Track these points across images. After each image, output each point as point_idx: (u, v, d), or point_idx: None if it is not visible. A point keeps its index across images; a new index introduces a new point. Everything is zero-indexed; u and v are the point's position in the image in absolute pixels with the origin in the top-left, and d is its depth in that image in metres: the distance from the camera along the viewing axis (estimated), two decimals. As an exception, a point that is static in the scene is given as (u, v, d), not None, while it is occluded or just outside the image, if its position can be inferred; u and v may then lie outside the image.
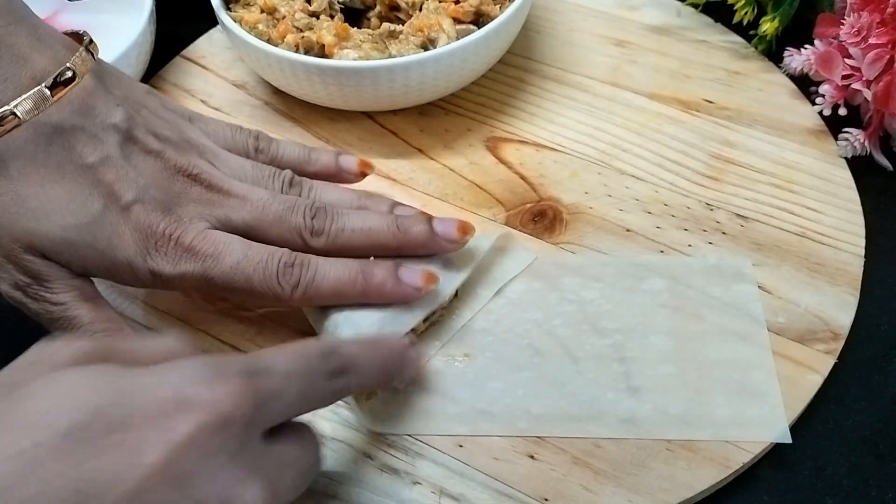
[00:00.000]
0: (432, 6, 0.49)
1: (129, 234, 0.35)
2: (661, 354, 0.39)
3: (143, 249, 0.35)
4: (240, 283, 0.36)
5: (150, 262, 0.35)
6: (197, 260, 0.35)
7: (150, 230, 0.35)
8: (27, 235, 0.34)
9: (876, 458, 0.37)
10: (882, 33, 0.46)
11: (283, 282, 0.36)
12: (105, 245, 0.35)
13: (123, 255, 0.35)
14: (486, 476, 0.36)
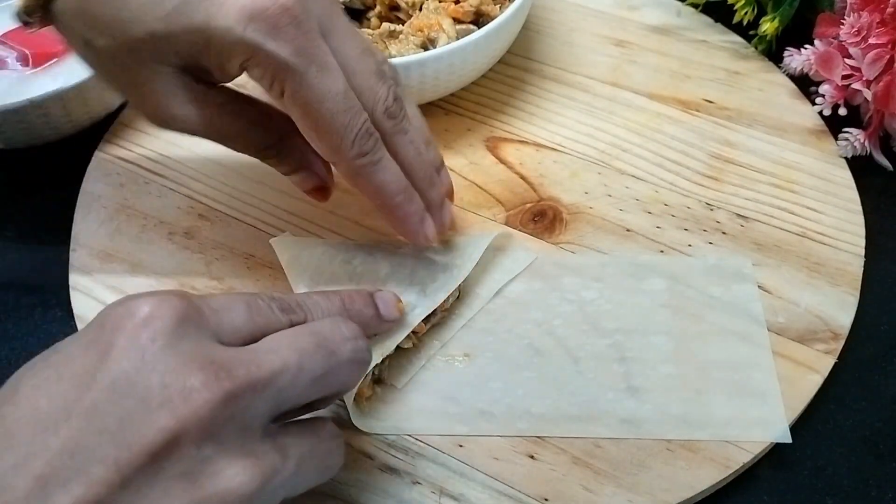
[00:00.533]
0: (432, 6, 0.49)
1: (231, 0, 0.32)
2: (662, 354, 0.39)
3: (245, 18, 0.31)
4: (323, 108, 0.33)
5: (248, 34, 0.31)
6: (302, 62, 0.32)
7: (260, 1, 0.31)
8: (139, 42, 0.33)
9: (876, 458, 0.37)
10: (882, 33, 0.46)
11: (361, 142, 0.34)
12: (202, 18, 0.32)
13: (222, 24, 0.31)
14: (486, 476, 0.36)
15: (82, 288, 0.44)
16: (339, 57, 0.34)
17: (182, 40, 0.32)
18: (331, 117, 0.33)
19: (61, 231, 0.47)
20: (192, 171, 0.49)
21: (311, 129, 0.34)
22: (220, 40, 0.32)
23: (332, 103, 0.33)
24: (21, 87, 0.50)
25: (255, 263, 0.44)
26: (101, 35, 0.33)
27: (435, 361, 0.39)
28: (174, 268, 0.44)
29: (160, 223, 0.46)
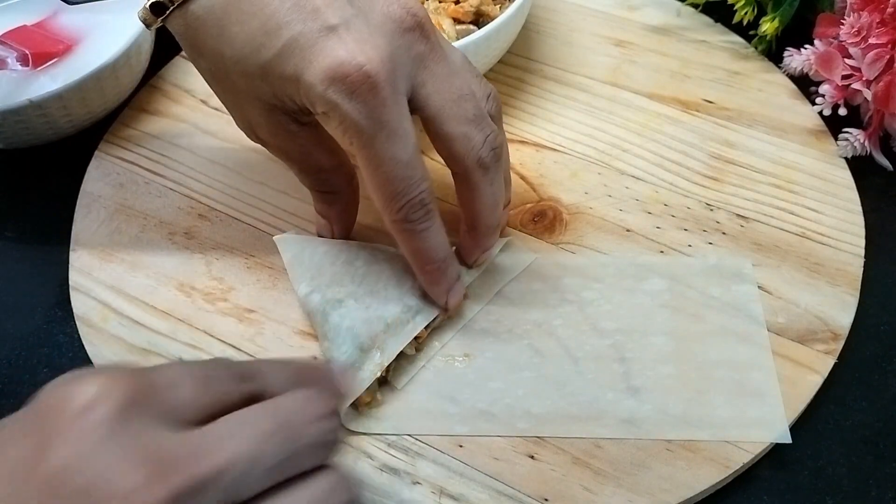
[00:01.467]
0: (432, 6, 0.49)
1: (321, 58, 0.33)
2: (661, 355, 0.39)
3: (327, 79, 0.33)
4: (380, 171, 0.34)
5: (329, 94, 0.33)
6: (372, 127, 0.33)
7: (344, 66, 0.32)
8: (236, 81, 0.35)
9: (876, 458, 0.37)
10: (882, 33, 0.46)
11: (409, 210, 0.35)
12: (293, 72, 0.33)
13: (308, 80, 0.33)
14: (486, 476, 0.36)
15: (82, 288, 0.44)
16: (433, 104, 0.35)
17: (275, 86, 0.34)
18: (387, 181, 0.34)
19: (61, 231, 0.47)
20: (192, 171, 0.49)
21: (369, 183, 0.35)
22: (306, 93, 0.33)
23: (390, 168, 0.34)
24: (21, 87, 0.50)
25: (255, 263, 0.44)
26: (205, 60, 0.36)
27: (434, 361, 0.39)
28: (174, 268, 0.44)
29: (160, 223, 0.46)
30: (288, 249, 0.42)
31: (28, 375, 0.41)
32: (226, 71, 0.35)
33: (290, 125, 0.37)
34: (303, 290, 0.40)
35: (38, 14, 0.54)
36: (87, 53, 0.51)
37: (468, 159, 0.36)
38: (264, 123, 0.37)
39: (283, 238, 0.43)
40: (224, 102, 0.38)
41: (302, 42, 0.33)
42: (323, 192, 0.41)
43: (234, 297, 0.43)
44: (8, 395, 0.41)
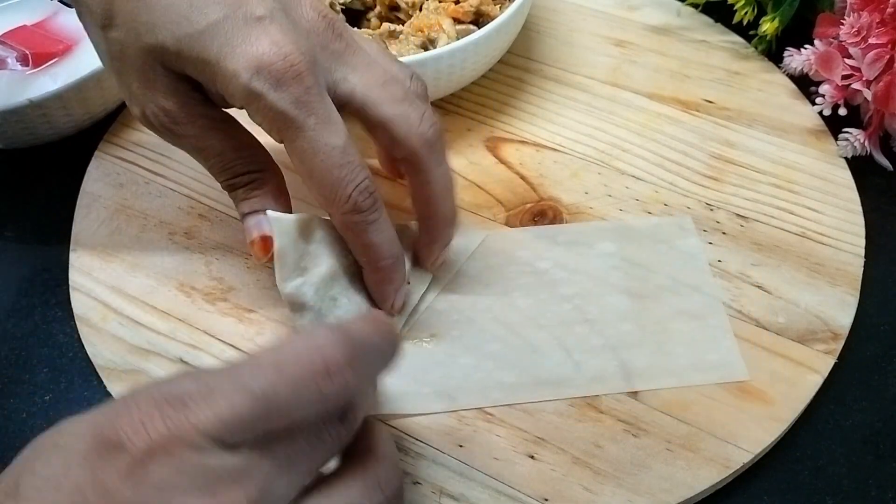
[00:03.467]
0: (432, 6, 0.49)
1: (245, 46, 0.32)
2: (620, 313, 0.40)
3: (252, 68, 0.32)
4: (317, 160, 0.33)
5: (254, 83, 0.32)
6: (301, 114, 0.32)
7: (268, 56, 0.32)
8: (149, 48, 0.33)
9: (876, 458, 0.37)
10: (882, 33, 0.46)
11: (358, 197, 0.34)
12: (215, 55, 0.32)
13: (231, 67, 0.32)
14: (486, 476, 0.36)
15: (82, 288, 0.44)
16: (359, 92, 0.35)
17: (191, 64, 0.33)
18: (326, 170, 0.33)
19: (61, 231, 0.47)
20: (192, 171, 0.49)
21: (306, 177, 0.34)
22: (226, 80, 0.32)
23: (328, 155, 0.33)
24: (21, 87, 0.50)
25: (255, 263, 0.44)
26: (116, 29, 0.33)
27: (402, 345, 0.39)
28: (174, 268, 0.44)
29: (160, 223, 0.46)
30: (284, 234, 0.37)
31: (28, 375, 0.41)
32: (138, 41, 0.33)
33: (201, 100, 0.35)
34: (295, 281, 0.37)
35: (38, 14, 0.54)
36: (87, 53, 0.51)
37: (412, 138, 0.36)
38: (173, 94, 0.34)
39: (278, 218, 0.36)
40: (129, 89, 0.35)
41: (227, 27, 0.32)
42: (252, 172, 0.37)
43: (234, 297, 0.43)
44: (8, 395, 0.41)
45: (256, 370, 0.25)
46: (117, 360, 0.40)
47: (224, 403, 0.24)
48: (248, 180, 0.36)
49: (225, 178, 0.36)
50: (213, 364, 0.40)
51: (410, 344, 0.40)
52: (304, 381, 0.25)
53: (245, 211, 0.37)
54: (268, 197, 0.36)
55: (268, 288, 0.43)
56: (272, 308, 0.42)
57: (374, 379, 0.30)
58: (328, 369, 0.25)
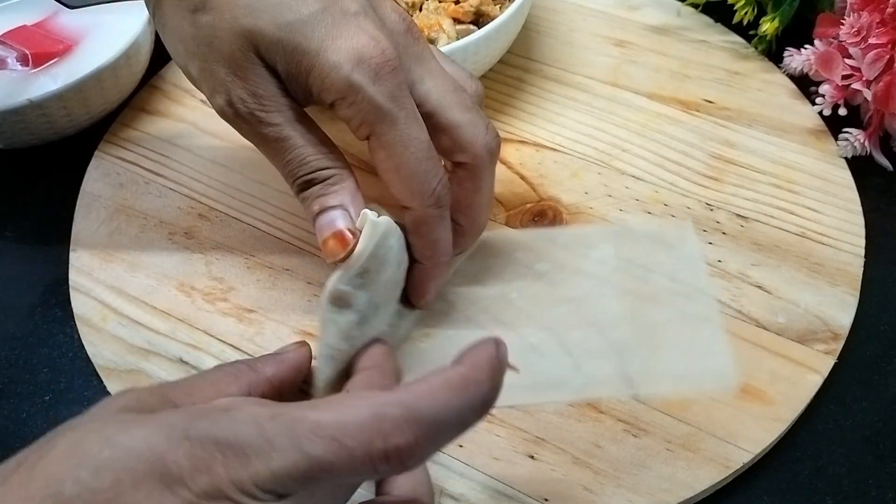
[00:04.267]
0: (432, 6, 0.49)
1: (346, 39, 0.32)
2: (617, 317, 0.40)
3: (353, 59, 0.32)
4: (407, 153, 0.33)
5: (354, 75, 0.32)
6: (395, 108, 0.33)
7: (369, 49, 0.32)
8: (245, 32, 0.33)
9: (876, 458, 0.37)
10: (882, 33, 0.46)
11: (441, 192, 0.34)
12: (316, 46, 0.32)
13: (332, 59, 0.32)
14: (486, 476, 0.36)
15: (82, 288, 0.44)
16: (434, 96, 0.35)
17: (287, 53, 0.33)
18: (416, 163, 0.34)
19: (61, 231, 0.47)
20: (192, 171, 0.49)
21: (393, 171, 0.34)
22: (325, 72, 0.32)
23: (417, 149, 0.34)
24: (21, 87, 0.50)
25: (255, 263, 0.44)
26: (209, 11, 0.33)
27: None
28: (174, 268, 0.44)
29: (160, 223, 0.46)
30: (372, 237, 0.34)
31: (28, 375, 0.41)
32: (233, 24, 0.32)
33: (286, 96, 0.35)
34: (355, 282, 0.34)
35: (38, 14, 0.54)
36: (87, 53, 0.51)
37: (477, 145, 0.36)
38: (266, 92, 0.34)
39: (376, 222, 0.34)
40: (214, 75, 0.34)
41: (327, 19, 0.32)
42: (330, 168, 0.35)
43: (234, 297, 0.43)
44: (8, 395, 0.41)
45: (316, 432, 0.24)
46: (117, 360, 0.40)
47: (281, 463, 0.24)
48: (326, 176, 0.35)
49: (302, 174, 0.35)
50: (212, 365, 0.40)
51: (406, 343, 0.40)
52: (362, 458, 0.24)
53: (319, 208, 0.35)
54: (345, 194, 0.35)
55: (268, 288, 0.43)
56: (272, 308, 0.42)
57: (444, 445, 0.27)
58: (387, 455, 0.24)
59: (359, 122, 0.33)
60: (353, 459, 0.24)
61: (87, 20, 0.53)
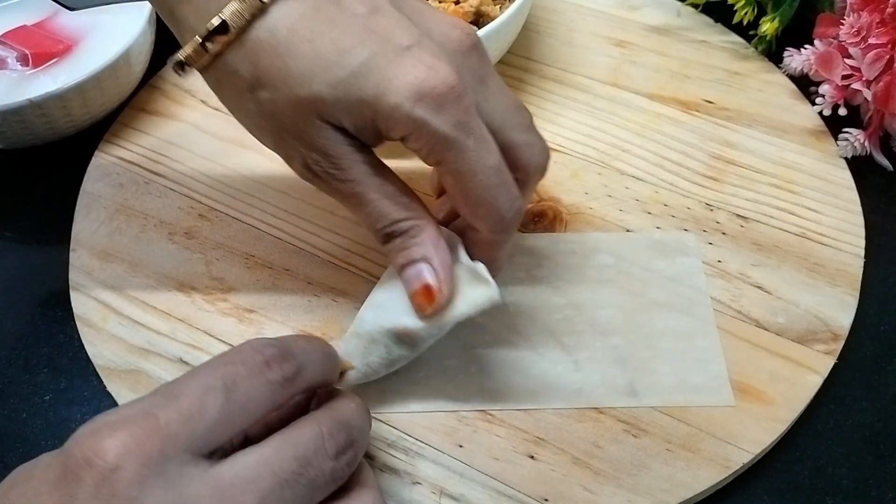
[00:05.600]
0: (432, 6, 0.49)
1: (402, 77, 0.32)
2: (609, 327, 0.40)
3: (414, 96, 0.32)
4: (476, 180, 0.33)
5: (417, 112, 0.32)
6: (461, 136, 0.32)
7: (428, 82, 0.32)
8: (304, 102, 0.32)
9: (876, 458, 0.37)
10: (882, 33, 0.46)
11: (513, 219, 0.34)
12: (374, 92, 0.32)
13: (392, 101, 0.32)
14: (486, 476, 0.36)
15: (82, 288, 0.44)
16: (497, 116, 0.35)
17: (350, 108, 0.32)
18: (483, 191, 0.33)
19: (61, 231, 0.47)
20: (192, 171, 0.49)
21: (461, 197, 0.34)
22: (387, 114, 0.32)
23: (485, 177, 0.33)
24: (21, 87, 0.50)
25: (255, 263, 0.44)
26: (266, 88, 0.33)
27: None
28: (174, 268, 0.44)
29: (160, 223, 0.46)
30: (483, 306, 0.35)
31: (28, 375, 0.41)
32: (291, 95, 0.32)
33: (358, 151, 0.35)
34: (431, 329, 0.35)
35: (38, 14, 0.54)
36: (87, 53, 0.51)
37: (532, 165, 0.36)
38: (336, 153, 0.34)
39: (495, 298, 0.35)
40: (286, 144, 0.35)
41: (380, 62, 0.32)
42: (409, 219, 0.35)
43: (234, 297, 0.43)
44: (8, 395, 0.41)
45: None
46: (117, 360, 0.40)
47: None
48: (406, 227, 0.35)
49: (382, 226, 0.35)
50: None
51: None
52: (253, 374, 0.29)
53: (404, 261, 0.35)
54: (427, 245, 0.35)
55: (268, 288, 0.43)
56: (272, 308, 0.42)
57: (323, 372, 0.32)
58: (267, 362, 0.29)
59: (426, 153, 0.33)
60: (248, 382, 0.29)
61: (87, 20, 0.53)
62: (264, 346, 0.30)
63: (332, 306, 0.42)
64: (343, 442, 0.30)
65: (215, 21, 0.31)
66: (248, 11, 0.31)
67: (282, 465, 0.27)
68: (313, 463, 0.28)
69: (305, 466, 0.28)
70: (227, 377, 0.28)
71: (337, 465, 0.29)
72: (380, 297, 0.37)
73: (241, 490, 0.26)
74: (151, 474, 0.25)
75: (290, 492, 0.27)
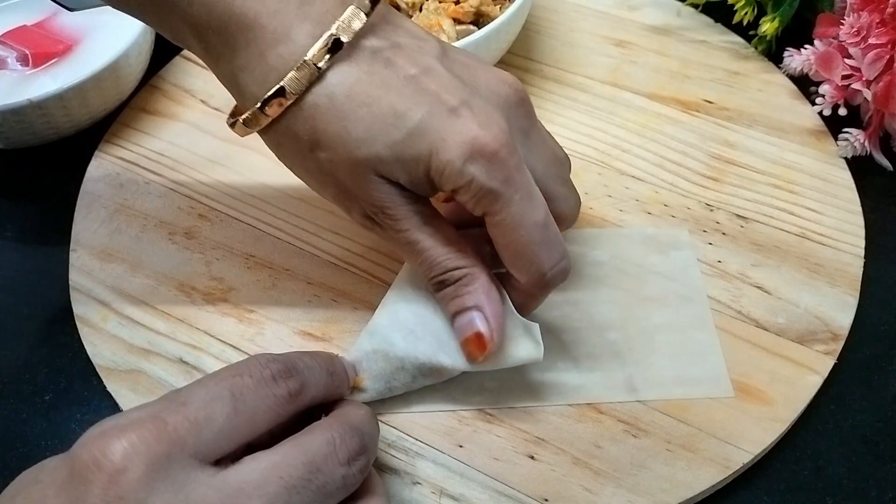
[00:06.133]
0: (432, 7, 0.49)
1: (454, 136, 0.33)
2: (606, 322, 0.40)
3: (466, 154, 0.33)
4: (519, 235, 0.34)
5: (468, 168, 0.33)
6: (508, 191, 0.33)
7: (478, 140, 0.33)
8: (362, 162, 0.33)
9: (876, 458, 0.37)
10: (882, 33, 0.46)
11: (555, 277, 0.35)
12: (428, 150, 0.33)
13: (445, 158, 0.33)
14: (486, 476, 0.36)
15: (82, 288, 0.44)
16: (540, 170, 0.36)
17: (405, 165, 0.33)
18: (525, 246, 0.34)
19: (61, 231, 0.47)
20: (192, 171, 0.49)
21: (504, 249, 0.35)
22: (440, 170, 0.33)
23: (528, 232, 0.34)
24: (21, 87, 0.50)
25: (255, 263, 0.44)
26: (325, 150, 0.34)
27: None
28: (174, 268, 0.44)
29: (160, 223, 0.46)
30: (526, 361, 0.36)
31: (28, 375, 0.41)
32: (350, 156, 0.33)
33: (412, 202, 0.36)
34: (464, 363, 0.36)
35: (38, 14, 0.54)
36: (87, 53, 0.51)
37: (568, 217, 0.38)
38: (392, 205, 0.35)
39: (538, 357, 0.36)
40: (338, 195, 0.36)
41: (433, 123, 0.33)
42: (462, 268, 0.36)
43: (234, 297, 0.43)
44: (8, 396, 0.41)
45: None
46: (117, 360, 0.40)
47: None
48: (459, 275, 0.36)
49: (435, 274, 0.36)
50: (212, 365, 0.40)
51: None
52: (261, 388, 0.30)
53: (457, 309, 0.36)
54: (479, 294, 0.35)
55: (268, 288, 0.43)
56: (272, 308, 0.42)
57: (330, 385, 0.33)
58: (273, 375, 0.30)
59: (474, 204, 0.34)
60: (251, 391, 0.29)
61: (87, 20, 0.53)
62: (270, 362, 0.30)
63: (332, 306, 0.42)
64: (356, 448, 0.30)
65: (274, 87, 0.32)
66: (305, 78, 0.32)
67: (290, 471, 0.28)
68: (323, 469, 0.28)
69: (315, 472, 0.28)
70: (235, 388, 0.29)
71: (349, 471, 0.29)
72: (409, 319, 0.37)
73: (247, 494, 0.26)
74: (159, 477, 0.26)
75: (297, 497, 0.27)
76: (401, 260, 0.43)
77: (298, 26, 0.32)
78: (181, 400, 0.28)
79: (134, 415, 0.27)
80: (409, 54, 0.34)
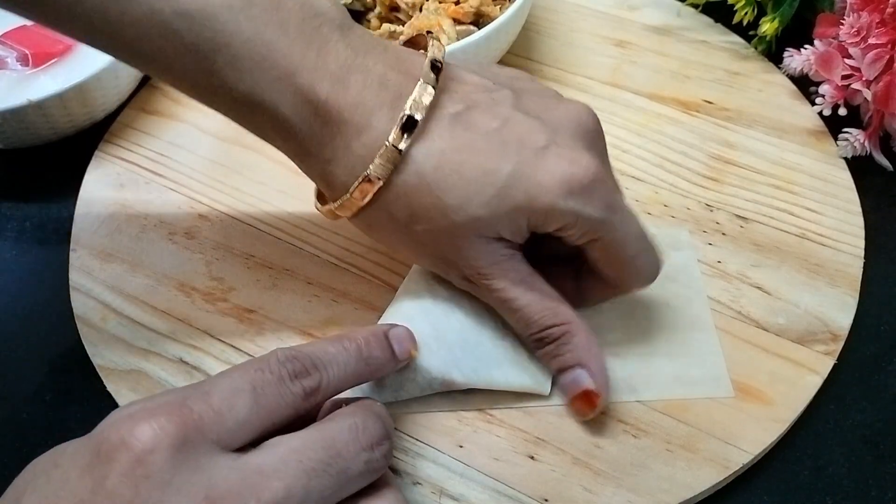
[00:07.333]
0: (432, 7, 0.49)
1: (549, 176, 0.33)
2: (607, 324, 0.40)
3: (564, 193, 0.33)
4: (625, 252, 0.35)
5: (569, 205, 0.33)
6: (611, 215, 0.34)
7: (574, 176, 0.33)
8: (462, 227, 0.34)
9: (876, 458, 0.37)
10: (882, 33, 0.46)
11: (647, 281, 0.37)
12: (525, 198, 0.33)
13: (543, 201, 0.33)
14: (486, 476, 0.36)
15: (82, 288, 0.44)
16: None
17: (506, 220, 0.34)
18: (630, 260, 0.36)
19: (61, 231, 0.47)
20: (192, 171, 0.49)
21: (608, 266, 0.36)
22: (542, 213, 0.33)
23: (632, 246, 0.35)
24: (21, 87, 0.50)
25: (255, 263, 0.44)
26: (421, 223, 0.34)
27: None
28: (174, 268, 0.44)
29: (160, 223, 0.46)
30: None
31: (28, 375, 0.41)
32: (448, 223, 0.34)
33: (509, 259, 0.35)
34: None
35: (39, 14, 0.54)
36: (88, 53, 0.51)
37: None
38: (488, 264, 0.35)
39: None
40: (444, 261, 0.36)
41: (525, 170, 0.33)
42: (560, 325, 0.36)
43: (234, 297, 0.43)
44: (8, 396, 0.41)
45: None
46: (117, 360, 0.40)
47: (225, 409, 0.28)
48: (559, 333, 0.36)
49: (533, 332, 0.36)
50: (212, 365, 0.40)
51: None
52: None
53: (560, 367, 0.36)
54: (580, 350, 0.36)
55: (268, 288, 0.43)
56: (272, 308, 0.42)
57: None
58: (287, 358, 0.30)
59: (579, 236, 0.34)
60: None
61: (87, 20, 0.53)
62: (288, 360, 0.30)
63: (332, 306, 0.42)
64: (378, 433, 0.30)
65: (361, 175, 0.33)
66: (390, 162, 0.33)
67: (309, 454, 0.28)
68: (344, 454, 0.28)
69: (335, 457, 0.28)
70: (256, 382, 0.29)
71: (372, 456, 0.29)
72: (425, 331, 0.36)
73: (266, 476, 0.27)
74: (183, 458, 0.26)
75: (317, 481, 0.27)
76: (400, 260, 0.43)
77: (378, 113, 0.33)
78: (205, 389, 0.28)
79: (160, 399, 0.28)
80: (486, 109, 0.34)
